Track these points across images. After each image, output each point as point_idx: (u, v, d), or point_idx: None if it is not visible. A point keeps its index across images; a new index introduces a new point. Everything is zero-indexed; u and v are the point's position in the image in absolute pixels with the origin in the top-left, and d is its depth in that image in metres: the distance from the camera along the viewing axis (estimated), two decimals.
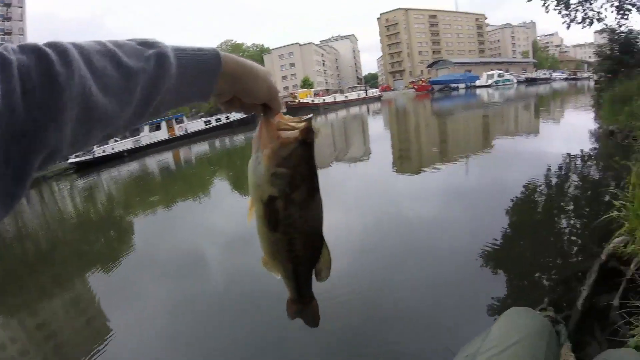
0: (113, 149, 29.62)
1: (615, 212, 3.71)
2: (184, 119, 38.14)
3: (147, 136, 32.51)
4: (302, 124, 0.69)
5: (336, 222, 5.96)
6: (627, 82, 13.01)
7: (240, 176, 12.00)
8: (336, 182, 9.25)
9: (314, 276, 0.79)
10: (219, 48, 0.68)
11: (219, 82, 0.64)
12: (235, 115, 42.93)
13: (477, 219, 5.76)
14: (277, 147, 0.68)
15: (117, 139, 33.50)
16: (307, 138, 0.68)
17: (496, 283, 3.91)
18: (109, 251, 7.64)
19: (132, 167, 23.13)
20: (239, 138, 28.45)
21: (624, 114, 9.16)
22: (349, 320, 3.57)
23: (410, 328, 3.38)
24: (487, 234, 4.89)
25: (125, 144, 30.72)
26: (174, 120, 35.28)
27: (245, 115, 43.51)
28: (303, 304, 0.84)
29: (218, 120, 39.60)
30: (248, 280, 4.68)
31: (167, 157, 24.91)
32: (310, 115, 0.71)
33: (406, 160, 12.20)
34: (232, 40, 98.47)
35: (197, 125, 38.77)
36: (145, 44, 0.57)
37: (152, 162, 23.35)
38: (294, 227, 0.71)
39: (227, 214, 8.25)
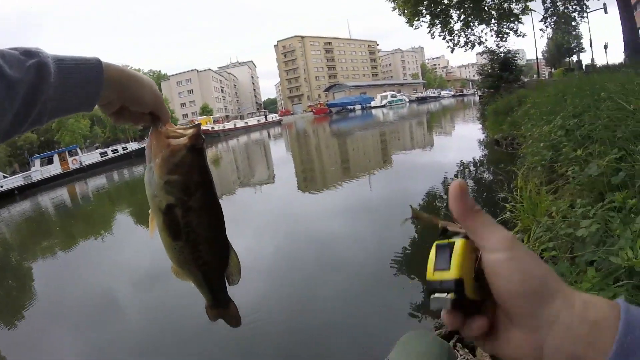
0: (2, 186, 26.61)
1: (508, 214, 3.85)
2: (78, 150, 35.30)
3: (38, 171, 29.73)
4: (190, 131, 0.69)
5: (249, 247, 5.80)
6: (507, 95, 14.36)
7: (143, 209, 11.21)
8: (244, 207, 9.02)
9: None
10: None
11: (103, 90, 0.64)
12: (132, 146, 40.93)
13: (385, 230, 5.86)
14: (167, 155, 0.67)
15: (5, 175, 30.15)
16: (196, 144, 0.68)
17: (408, 290, 3.97)
18: (9, 302, 6.56)
19: (25, 206, 20.94)
20: (138, 169, 26.87)
21: (506, 124, 9.89)
22: (275, 341, 3.54)
23: (335, 340, 3.43)
24: (395, 244, 5.01)
25: (15, 181, 27.96)
26: (67, 153, 32.55)
27: (143, 145, 41.72)
28: (221, 308, 0.83)
29: (115, 151, 37.39)
30: (167, 315, 4.48)
31: (62, 193, 22.71)
32: (199, 122, 0.75)
33: (311, 181, 12.14)
34: (128, 65, 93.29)
35: (93, 157, 35.94)
36: (28, 53, 0.57)
37: (46, 200, 21.14)
38: (195, 233, 0.71)
39: (134, 250, 7.61)
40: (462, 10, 20.96)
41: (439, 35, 21.93)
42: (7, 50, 0.56)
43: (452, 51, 23.32)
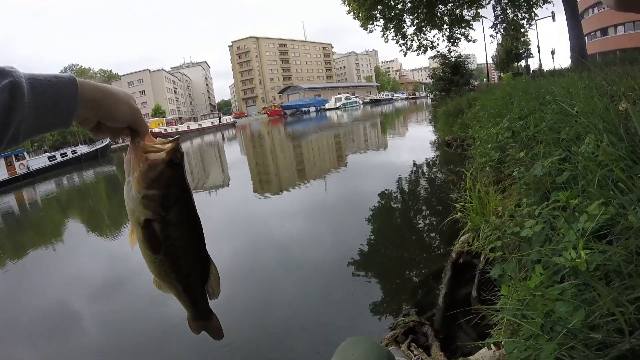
0: None
1: (458, 213, 3.91)
2: (26, 154, 33.17)
3: None
4: (169, 145, 0.69)
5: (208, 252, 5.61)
6: (457, 98, 14.73)
7: (95, 215, 10.84)
8: (199, 211, 8.71)
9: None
10: (63, 72, 0.67)
11: (78, 108, 0.63)
12: (82, 149, 39.15)
13: (342, 231, 5.95)
14: (144, 169, 0.67)
15: None
16: (173, 158, 0.68)
17: (365, 290, 4.02)
18: None
19: None
20: (89, 174, 25.84)
21: (457, 126, 10.15)
22: (239, 342, 3.49)
23: (296, 339, 3.45)
24: (353, 244, 5.08)
25: None
26: (13, 157, 30.34)
27: (94, 149, 40.32)
28: (203, 320, 0.84)
29: (64, 155, 35.47)
30: (126, 323, 4.35)
31: (9, 199, 21.21)
32: (178, 136, 0.72)
33: (266, 183, 12.03)
34: (78, 64, 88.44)
35: (41, 161, 33.74)
36: (0, 73, 0.56)
37: None
38: (174, 247, 0.72)
39: (88, 258, 7.29)
40: (415, 15, 21.38)
41: (392, 39, 22.31)
42: None
43: (405, 55, 23.93)
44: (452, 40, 22.05)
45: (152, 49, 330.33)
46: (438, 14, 21.41)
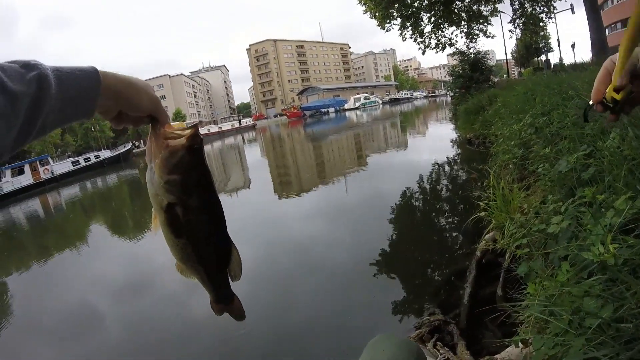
0: None
1: (482, 212, 3.88)
2: (50, 160, 34.18)
3: (9, 182, 28.50)
4: (188, 131, 0.71)
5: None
6: (478, 95, 14.52)
7: (118, 218, 11.11)
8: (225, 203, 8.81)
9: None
10: None
11: (101, 99, 0.65)
12: (105, 154, 39.99)
13: (363, 231, 5.90)
14: (166, 156, 0.70)
15: None
16: (193, 144, 0.70)
17: (387, 290, 3.99)
18: None
19: None
20: (112, 177, 26.32)
21: (478, 123, 10.04)
22: (260, 346, 3.52)
23: (318, 341, 3.45)
24: (374, 245, 5.03)
25: None
26: (38, 163, 31.39)
27: (116, 153, 41.16)
28: (225, 303, 0.87)
29: (87, 160, 36.54)
30: (149, 325, 4.41)
31: (35, 204, 21.88)
32: (196, 122, 0.75)
33: (287, 185, 12.07)
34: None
35: (65, 166, 34.92)
36: (27, 66, 0.58)
37: (18, 212, 20.25)
38: (196, 230, 0.74)
39: (112, 260, 7.43)
40: (432, 12, 21.20)
41: (410, 38, 22.16)
42: (6, 63, 0.56)
43: (423, 53, 23.65)
44: (470, 36, 21.79)
45: (170, 54, 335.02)
46: (455, 10, 21.19)
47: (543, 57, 47.78)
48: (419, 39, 22.15)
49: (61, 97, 0.60)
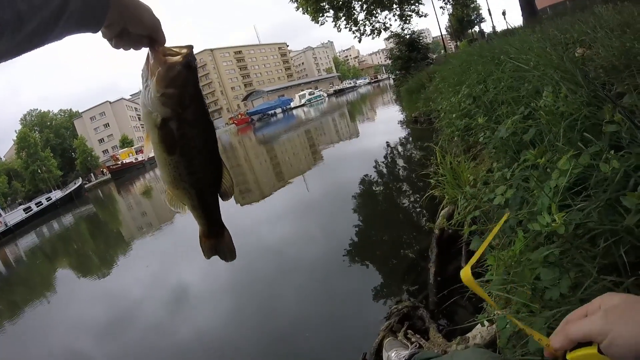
0: None
1: (435, 189, 3.87)
2: (1, 211, 32.47)
3: None
4: (185, 50, 0.74)
5: (202, 267, 5.56)
6: (417, 74, 14.73)
7: (84, 258, 10.87)
8: (185, 232, 8.45)
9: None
10: (24, 119, 1.05)
11: (110, 10, 0.67)
12: (56, 194, 38.41)
13: (329, 224, 5.91)
14: (165, 69, 0.72)
15: None
16: (190, 61, 0.73)
17: (357, 280, 3.96)
18: None
19: None
20: (67, 218, 25.10)
21: (421, 102, 10.16)
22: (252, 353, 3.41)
23: (309, 339, 3.32)
24: (342, 236, 4.98)
25: None
26: None
27: (67, 192, 39.47)
28: (215, 236, 0.87)
29: (39, 204, 35.05)
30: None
31: None
32: (191, 44, 0.76)
33: (247, 192, 11.82)
34: (36, 109, 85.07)
35: (17, 215, 33.12)
36: None
37: None
38: (189, 146, 0.74)
39: (87, 301, 6.97)
40: (363, 0, 21.38)
41: (345, 27, 22.29)
42: None
43: (359, 41, 23.83)
44: (403, 18, 22.16)
45: (110, 77, 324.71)
46: None
47: (477, 29, 49.29)
48: (353, 28, 22.32)
49: (83, 1, 0.61)
